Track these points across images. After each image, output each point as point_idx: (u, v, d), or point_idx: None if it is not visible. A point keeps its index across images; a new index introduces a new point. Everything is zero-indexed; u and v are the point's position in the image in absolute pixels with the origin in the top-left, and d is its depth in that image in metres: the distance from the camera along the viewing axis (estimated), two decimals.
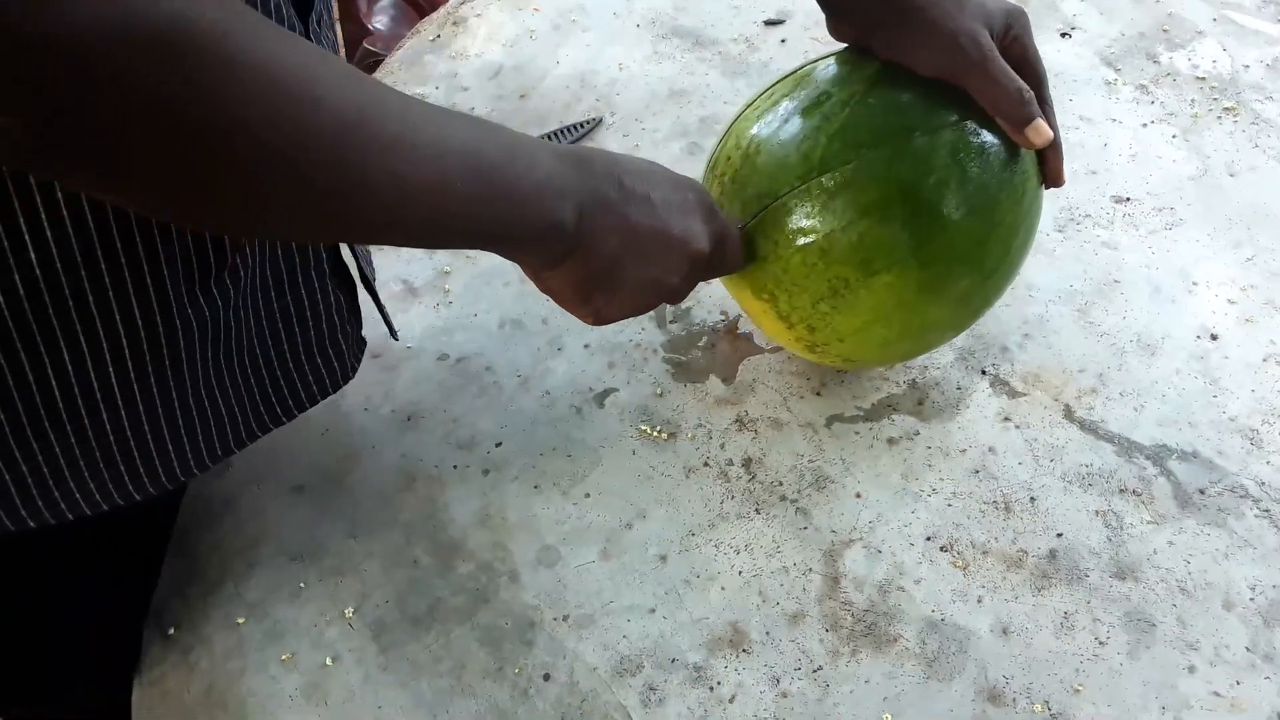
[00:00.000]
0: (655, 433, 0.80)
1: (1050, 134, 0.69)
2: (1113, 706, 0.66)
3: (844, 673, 0.68)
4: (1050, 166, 0.72)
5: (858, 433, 0.80)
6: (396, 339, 0.84)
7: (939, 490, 0.76)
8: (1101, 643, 0.69)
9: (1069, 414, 0.80)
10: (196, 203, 0.45)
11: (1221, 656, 0.68)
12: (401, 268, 0.93)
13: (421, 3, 1.96)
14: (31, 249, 0.52)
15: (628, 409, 0.82)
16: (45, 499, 0.61)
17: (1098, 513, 0.75)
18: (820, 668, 0.69)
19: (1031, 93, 0.68)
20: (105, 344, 0.57)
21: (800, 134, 0.69)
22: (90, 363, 0.57)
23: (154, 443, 0.63)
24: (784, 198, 0.68)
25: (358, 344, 0.75)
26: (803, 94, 0.71)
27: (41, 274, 0.53)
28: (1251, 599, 0.71)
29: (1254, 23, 1.11)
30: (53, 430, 0.59)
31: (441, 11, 1.20)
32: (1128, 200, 0.95)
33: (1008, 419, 0.80)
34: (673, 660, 0.69)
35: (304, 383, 0.72)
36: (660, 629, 0.71)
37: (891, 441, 0.79)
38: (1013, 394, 0.82)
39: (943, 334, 0.76)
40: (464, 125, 0.53)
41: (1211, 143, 0.99)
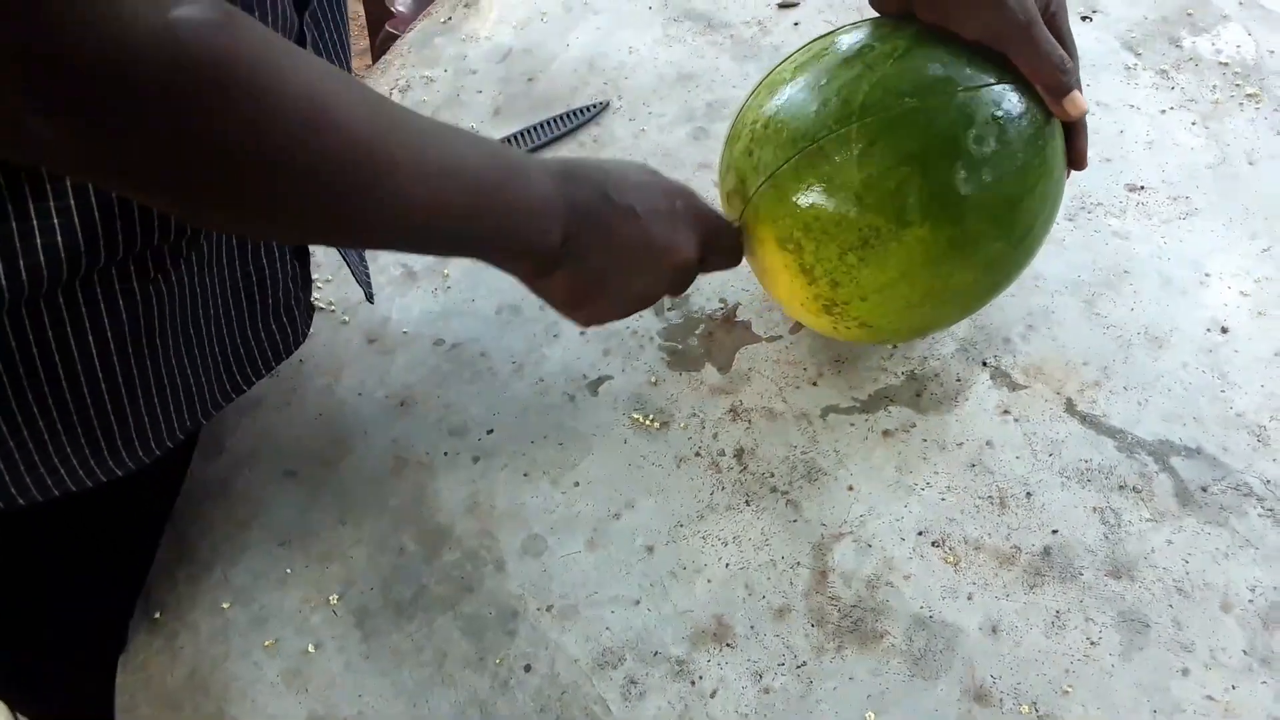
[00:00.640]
0: (648, 421, 0.79)
1: (1085, 106, 0.69)
2: (1102, 709, 0.65)
3: (828, 669, 0.67)
4: (1076, 148, 0.72)
5: (853, 424, 0.79)
6: (372, 302, 0.85)
7: (933, 484, 0.75)
8: (1093, 643, 0.67)
9: (1070, 408, 0.78)
10: (216, 208, 0.49)
11: (1217, 659, 0.67)
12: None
13: None
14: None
15: (621, 397, 0.81)
16: (31, 474, 0.62)
17: (1095, 509, 0.73)
18: (804, 663, 0.68)
19: (1072, 63, 0.68)
20: (85, 317, 0.59)
21: (841, 81, 0.68)
22: (72, 336, 0.59)
23: (131, 415, 0.65)
24: (821, 140, 0.67)
25: (308, 310, 0.78)
26: (842, 48, 0.70)
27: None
28: (1251, 601, 0.69)
29: None
30: (36, 404, 0.60)
31: None
32: (1142, 188, 0.92)
33: (1007, 412, 0.78)
34: (655, 653, 0.69)
35: (260, 349, 0.75)
36: (644, 621, 0.70)
37: (887, 434, 0.78)
38: (1013, 386, 0.80)
39: (964, 305, 0.75)
40: (465, 145, 0.57)
41: (1232, 130, 0.96)
